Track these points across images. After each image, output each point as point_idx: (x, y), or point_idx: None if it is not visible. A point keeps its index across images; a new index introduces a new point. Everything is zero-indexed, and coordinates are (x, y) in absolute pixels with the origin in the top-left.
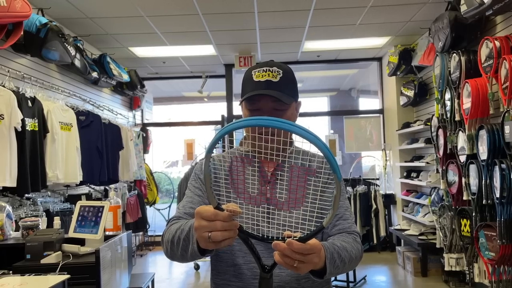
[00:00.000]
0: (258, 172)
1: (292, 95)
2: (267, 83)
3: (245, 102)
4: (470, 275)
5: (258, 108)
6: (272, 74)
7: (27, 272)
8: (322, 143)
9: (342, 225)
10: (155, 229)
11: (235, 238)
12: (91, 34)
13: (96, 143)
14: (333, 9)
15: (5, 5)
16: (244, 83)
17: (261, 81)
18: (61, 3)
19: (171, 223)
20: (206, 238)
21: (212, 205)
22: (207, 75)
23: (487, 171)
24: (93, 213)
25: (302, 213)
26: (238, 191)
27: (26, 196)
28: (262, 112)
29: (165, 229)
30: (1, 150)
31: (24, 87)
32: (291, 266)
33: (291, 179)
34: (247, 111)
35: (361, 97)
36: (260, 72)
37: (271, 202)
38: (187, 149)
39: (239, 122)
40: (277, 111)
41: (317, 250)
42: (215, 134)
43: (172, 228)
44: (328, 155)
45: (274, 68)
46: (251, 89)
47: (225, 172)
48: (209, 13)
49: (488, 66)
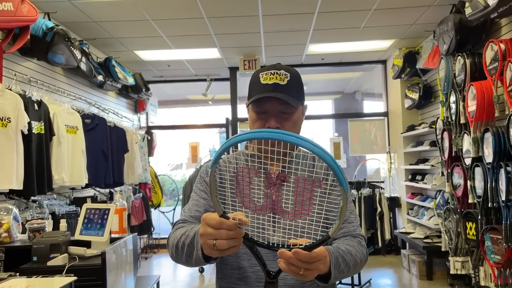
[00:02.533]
0: (264, 174)
1: (299, 98)
2: (275, 85)
3: (252, 104)
4: (476, 278)
5: (265, 111)
6: (279, 77)
7: (34, 274)
8: (328, 156)
9: (347, 228)
10: (160, 231)
11: (239, 246)
12: (96, 38)
13: (102, 146)
14: (338, 12)
15: (12, 10)
16: (251, 85)
17: (269, 83)
18: (67, 7)
19: (177, 226)
20: (211, 245)
21: (218, 213)
22: (212, 78)
23: (492, 174)
24: (99, 216)
25: (309, 219)
26: (243, 197)
27: (32, 199)
28: (269, 114)
29: (171, 232)
30: (8, 153)
31: (30, 91)
32: (297, 273)
33: (298, 185)
34: (254, 113)
35: (365, 99)
36: (267, 75)
37: (277, 207)
38: (191, 152)
39: (245, 135)
40: (284, 114)
41: (323, 257)
42: (221, 145)
43: (178, 233)
44: (334, 168)
45: (281, 71)
46: (259, 91)
47: (231, 177)
48: (213, 17)
49: (493, 68)
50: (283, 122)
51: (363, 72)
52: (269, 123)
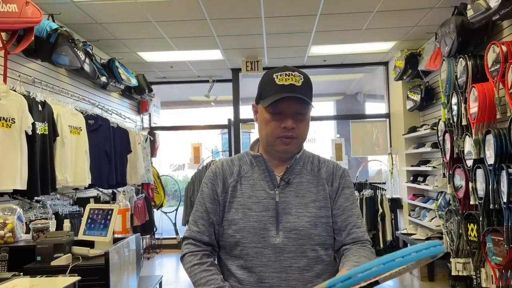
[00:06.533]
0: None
1: (311, 99)
2: (291, 86)
3: (267, 106)
4: (477, 280)
5: (280, 112)
6: (295, 78)
7: (38, 274)
8: None
9: (356, 234)
10: (162, 232)
11: None
12: (100, 39)
13: (105, 147)
14: (340, 14)
15: (17, 11)
16: (265, 86)
17: (285, 84)
18: (71, 8)
19: (189, 249)
20: None
21: None
22: (214, 80)
23: (494, 175)
24: (102, 216)
25: None
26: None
27: (35, 199)
28: (285, 115)
29: (185, 253)
30: (12, 153)
31: (34, 92)
32: None
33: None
34: (268, 114)
35: (367, 101)
36: (283, 76)
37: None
38: (194, 153)
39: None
40: (299, 115)
41: None
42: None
43: (195, 270)
44: None
45: (295, 73)
46: (275, 92)
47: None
48: (216, 18)
49: (495, 70)
50: (298, 123)
51: (365, 73)
52: (285, 123)
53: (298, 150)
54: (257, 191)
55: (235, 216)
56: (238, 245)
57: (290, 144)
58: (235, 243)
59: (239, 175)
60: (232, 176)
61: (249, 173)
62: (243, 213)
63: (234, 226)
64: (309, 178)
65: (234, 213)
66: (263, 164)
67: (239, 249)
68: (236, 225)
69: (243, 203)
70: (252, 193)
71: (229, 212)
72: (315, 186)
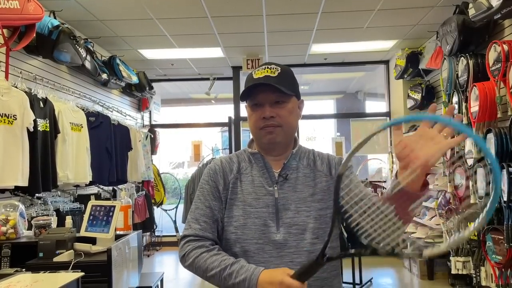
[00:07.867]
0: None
1: (291, 89)
2: (266, 77)
3: (247, 100)
4: (477, 278)
5: (258, 103)
6: (270, 70)
7: (40, 270)
8: None
9: None
10: (162, 229)
11: None
12: (101, 36)
13: (106, 144)
14: (341, 12)
15: (19, 8)
16: (246, 83)
17: (260, 77)
18: (72, 5)
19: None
20: None
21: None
22: (215, 77)
23: None
24: (104, 213)
25: None
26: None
27: (36, 196)
28: (263, 106)
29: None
30: (14, 150)
31: (36, 88)
32: None
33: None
34: (249, 108)
35: (367, 100)
36: (259, 71)
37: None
38: (194, 151)
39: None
40: (278, 104)
41: None
42: None
43: (204, 257)
44: None
45: (272, 66)
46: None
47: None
48: (217, 16)
49: (496, 69)
50: (278, 111)
51: (365, 72)
52: (263, 112)
53: (288, 140)
54: (257, 187)
55: (236, 213)
56: (238, 242)
57: (274, 132)
58: (236, 239)
59: (238, 172)
60: (232, 172)
61: (248, 170)
62: (244, 210)
63: (235, 222)
64: (306, 172)
65: (235, 210)
66: (261, 161)
67: (239, 246)
68: (237, 222)
69: (243, 200)
70: (252, 189)
71: (230, 209)
72: (312, 179)
